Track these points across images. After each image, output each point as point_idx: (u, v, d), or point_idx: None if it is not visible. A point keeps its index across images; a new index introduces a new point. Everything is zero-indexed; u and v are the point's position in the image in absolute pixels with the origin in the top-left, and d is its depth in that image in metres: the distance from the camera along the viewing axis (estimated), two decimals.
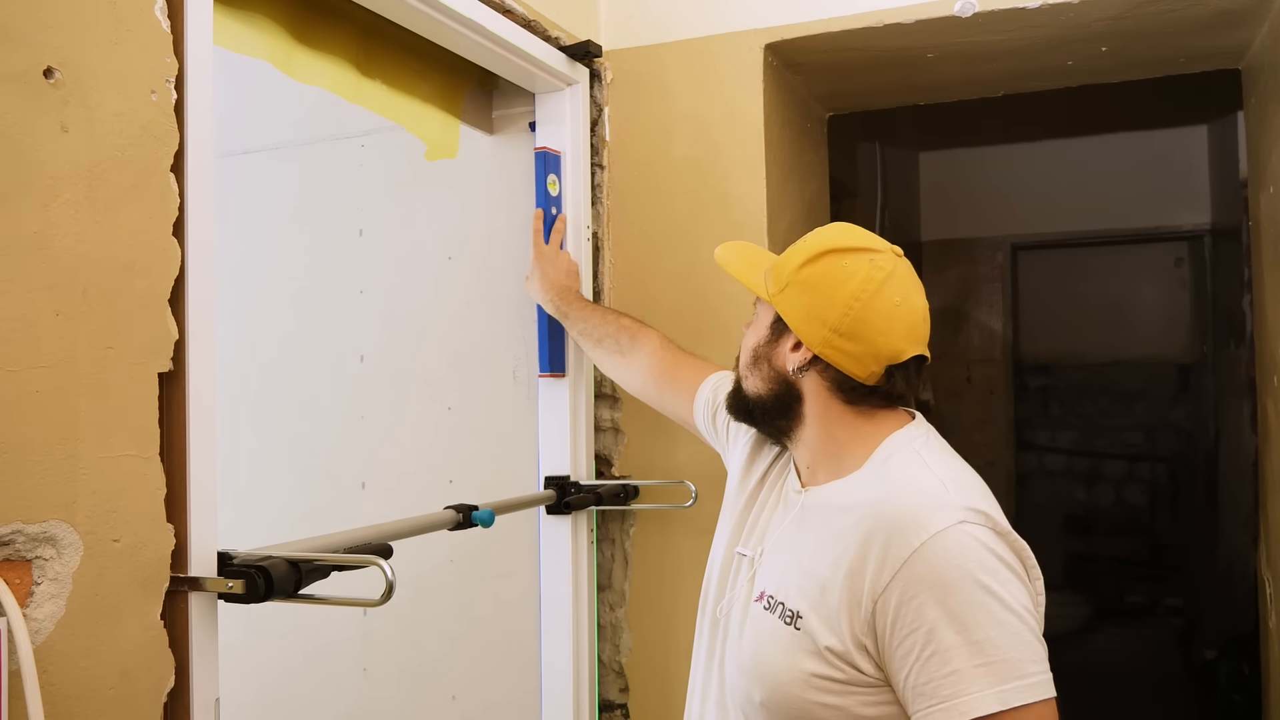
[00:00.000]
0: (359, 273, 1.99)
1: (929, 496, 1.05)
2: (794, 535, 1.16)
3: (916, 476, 1.09)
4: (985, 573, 0.98)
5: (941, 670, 0.97)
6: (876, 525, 1.04)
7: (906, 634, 0.99)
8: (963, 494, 1.06)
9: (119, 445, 0.95)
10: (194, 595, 1.02)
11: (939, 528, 1.01)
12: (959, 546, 1.00)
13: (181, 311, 1.02)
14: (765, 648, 1.10)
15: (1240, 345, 3.30)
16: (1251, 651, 1.99)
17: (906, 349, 1.12)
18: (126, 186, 0.96)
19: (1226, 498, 3.92)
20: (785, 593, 1.11)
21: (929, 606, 0.98)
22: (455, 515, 1.45)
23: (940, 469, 1.10)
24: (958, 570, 0.99)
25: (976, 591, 0.98)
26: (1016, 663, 0.96)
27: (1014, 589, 0.99)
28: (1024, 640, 0.97)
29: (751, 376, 1.21)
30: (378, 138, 1.97)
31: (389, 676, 1.97)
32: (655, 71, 1.85)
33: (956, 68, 1.89)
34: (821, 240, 1.16)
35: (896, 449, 1.12)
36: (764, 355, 1.19)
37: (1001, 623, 0.97)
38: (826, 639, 1.04)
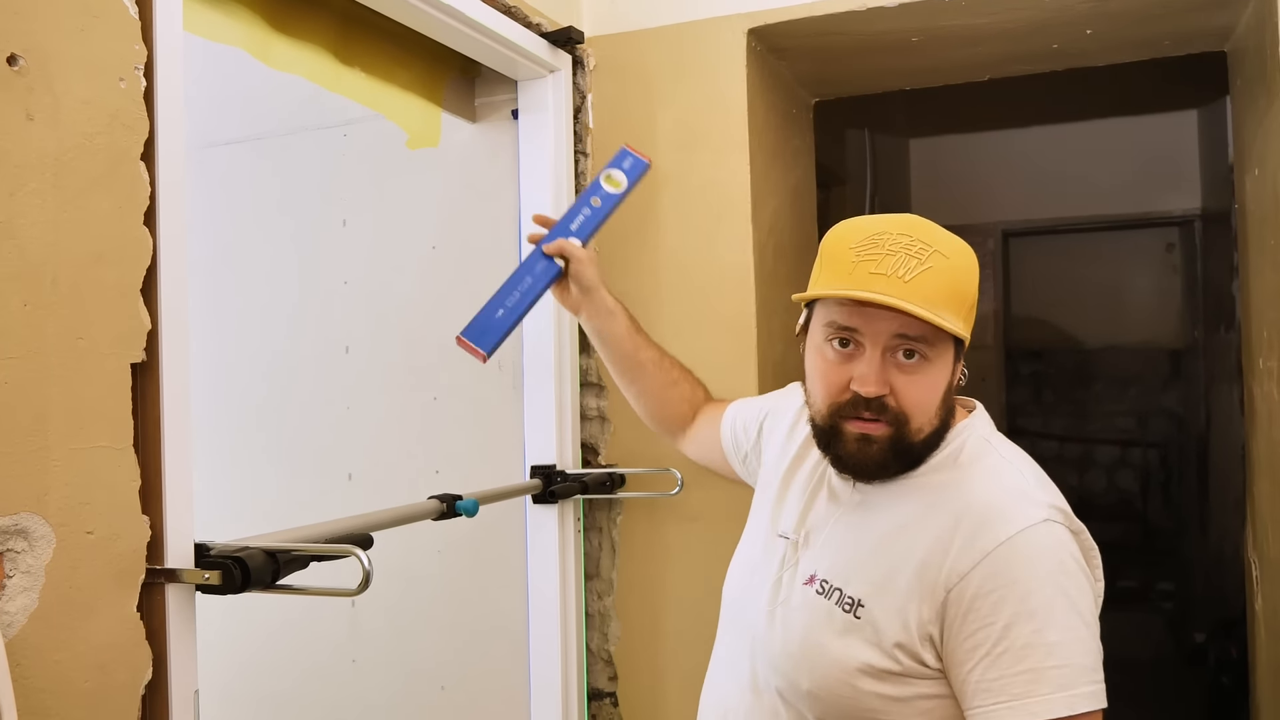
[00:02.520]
0: (343, 263, 1.98)
1: (1013, 491, 1.04)
2: (851, 519, 1.12)
3: (997, 469, 1.07)
4: (1064, 575, 0.99)
5: (1015, 667, 0.96)
6: (958, 515, 1.02)
7: (979, 627, 0.98)
8: (1043, 490, 1.05)
9: (91, 436, 0.95)
10: (171, 587, 1.02)
11: (1026, 524, 1.00)
12: (1044, 545, 0.99)
13: (154, 301, 1.01)
14: (818, 633, 1.07)
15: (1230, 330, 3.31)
16: (1240, 634, 2.00)
17: None
18: (95, 175, 0.95)
19: (1217, 482, 3.93)
20: (843, 578, 1.08)
21: (1008, 602, 0.97)
22: (439, 505, 1.45)
23: (1019, 463, 1.09)
24: (1041, 569, 0.98)
25: (1055, 593, 0.97)
26: (1084, 668, 0.96)
27: (1085, 595, 1.00)
28: (1089, 648, 0.98)
29: (934, 420, 1.07)
30: (360, 127, 1.95)
31: (377, 668, 1.97)
32: (638, 58, 1.84)
33: (942, 51, 1.88)
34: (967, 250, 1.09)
35: (965, 439, 1.10)
36: (948, 389, 1.08)
37: (1073, 627, 0.97)
38: (890, 628, 1.02)
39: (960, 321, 1.04)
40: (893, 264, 1.02)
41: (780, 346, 1.91)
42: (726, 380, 1.78)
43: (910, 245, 1.04)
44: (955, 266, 1.05)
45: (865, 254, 1.05)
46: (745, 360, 1.78)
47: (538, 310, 1.80)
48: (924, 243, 1.05)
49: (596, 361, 1.87)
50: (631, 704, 1.86)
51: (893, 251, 1.03)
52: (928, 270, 1.02)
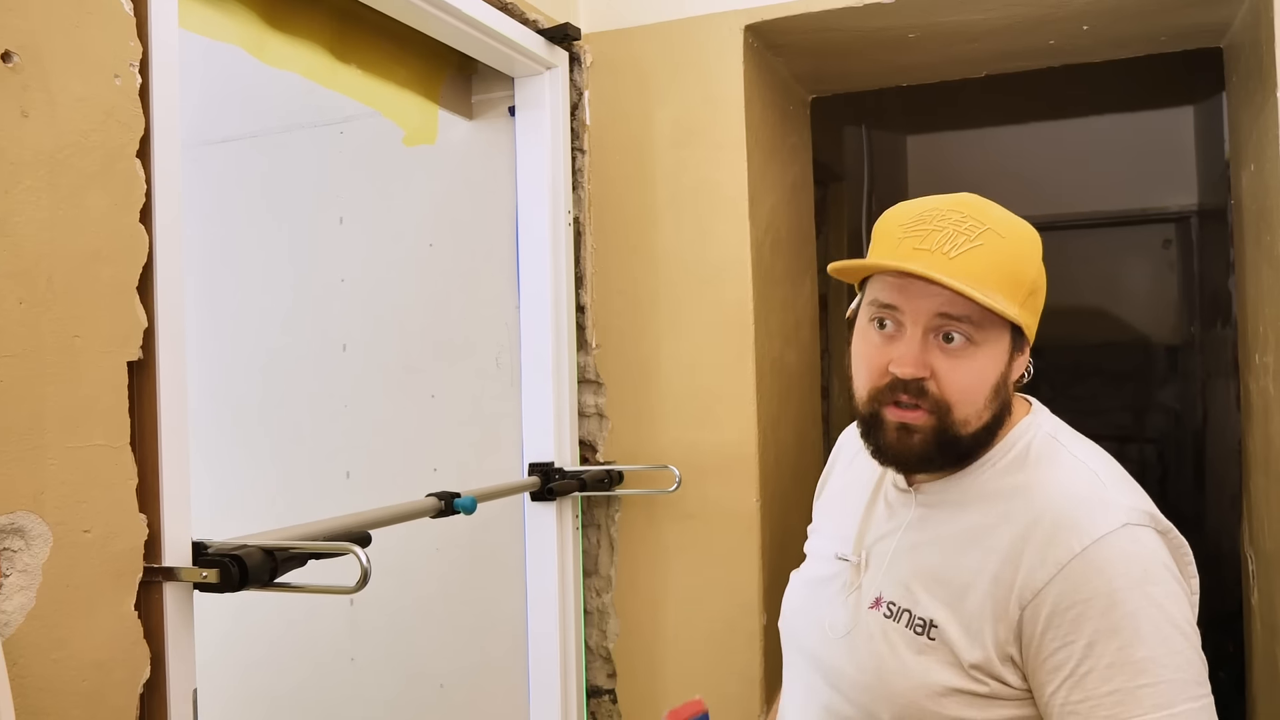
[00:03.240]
0: (340, 261, 1.98)
1: (1088, 494, 0.95)
2: (912, 534, 1.04)
3: (1070, 470, 0.98)
4: (1151, 583, 0.90)
5: (1100, 689, 0.88)
6: (1028, 524, 0.94)
7: (1060, 646, 0.90)
8: (1121, 491, 0.96)
9: (88, 435, 0.94)
10: (168, 585, 1.02)
11: (1103, 531, 0.91)
12: (1125, 554, 0.91)
13: (151, 299, 1.01)
14: (891, 661, 0.99)
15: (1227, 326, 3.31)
16: (1236, 629, 2.00)
17: None
18: (91, 173, 0.95)
19: (1214, 478, 3.94)
20: (911, 599, 1.00)
21: (1089, 618, 0.89)
22: (437, 502, 1.44)
23: (1093, 461, 1.00)
24: (1124, 579, 0.89)
25: (1142, 604, 0.89)
26: (1183, 684, 0.88)
27: (1179, 602, 0.91)
28: (1188, 659, 0.89)
29: (985, 412, 0.99)
30: (357, 124, 1.95)
31: (377, 666, 1.97)
32: (635, 54, 1.83)
33: (939, 47, 1.88)
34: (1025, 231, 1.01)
35: (1031, 438, 1.02)
36: (1002, 381, 0.99)
37: (1167, 639, 0.88)
38: (967, 650, 0.94)
39: (1014, 306, 0.96)
40: (939, 239, 0.95)
41: (778, 343, 1.91)
42: (724, 378, 1.78)
43: (961, 221, 0.97)
44: (1011, 246, 0.97)
45: (913, 230, 0.98)
46: (743, 357, 1.78)
47: (535, 307, 1.81)
48: (976, 220, 0.97)
49: (595, 359, 1.87)
50: (630, 701, 1.86)
51: (940, 227, 0.96)
52: (978, 248, 0.95)
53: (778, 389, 1.90)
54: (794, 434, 2.00)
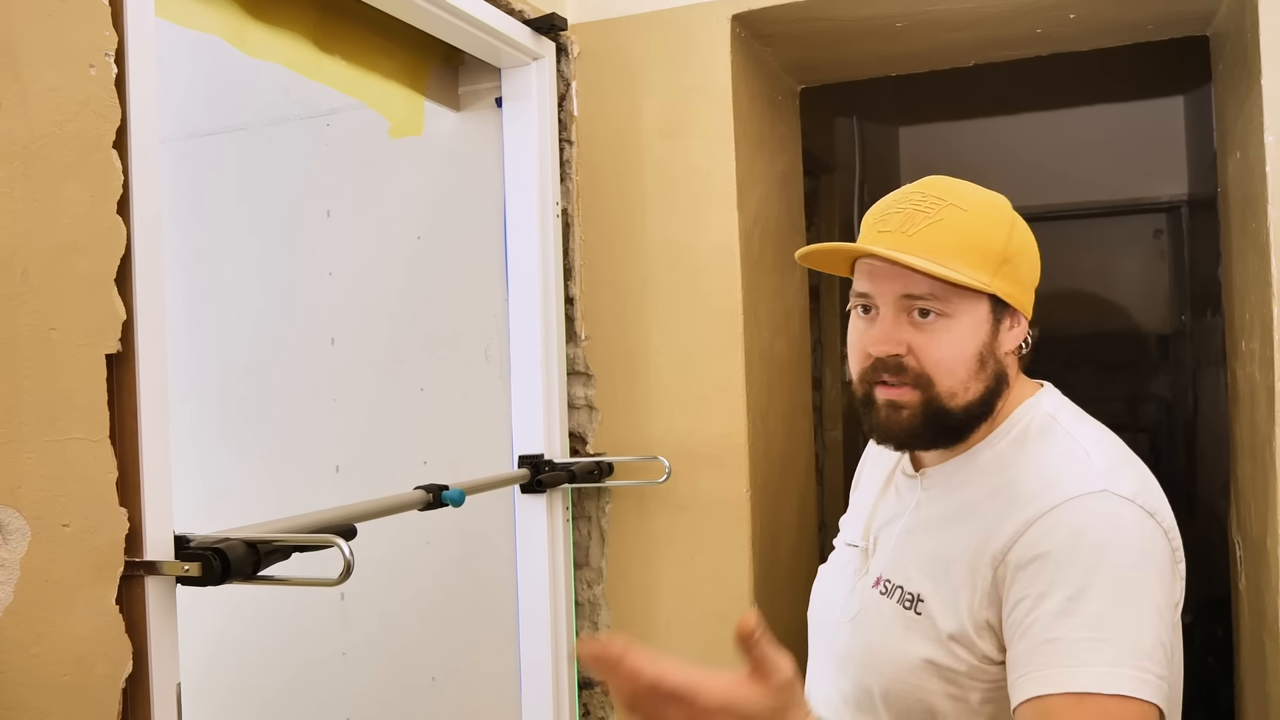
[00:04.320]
0: (327, 254, 1.97)
1: (1069, 462, 0.95)
2: (914, 518, 1.06)
3: (1058, 447, 0.98)
4: (1119, 546, 0.88)
5: (1042, 636, 0.86)
6: (1010, 496, 0.95)
7: (1018, 600, 0.89)
8: (1108, 461, 0.95)
9: (66, 428, 0.94)
10: (150, 579, 1.01)
11: (1077, 493, 0.91)
12: (1095, 513, 0.89)
13: (129, 292, 1.00)
14: (881, 634, 1.01)
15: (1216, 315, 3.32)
16: (1225, 614, 2.00)
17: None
18: (66, 164, 0.94)
19: (1204, 466, 3.95)
20: (904, 575, 1.02)
21: (1047, 569, 0.88)
22: (425, 495, 1.44)
23: (1085, 440, 0.99)
24: (1090, 536, 0.88)
25: (1102, 562, 0.87)
26: (1130, 650, 0.84)
27: (1145, 575, 0.88)
28: (1145, 634, 0.85)
29: (972, 385, 0.99)
30: (343, 116, 1.94)
31: (368, 660, 1.96)
32: (622, 44, 1.83)
33: (926, 36, 1.87)
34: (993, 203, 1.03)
35: (1031, 418, 1.02)
36: (987, 351, 1.00)
37: (1122, 601, 0.86)
38: (945, 620, 0.95)
39: (983, 274, 0.97)
40: (899, 221, 0.99)
41: (767, 334, 1.91)
42: (714, 368, 1.78)
43: (921, 201, 1.00)
44: (973, 218, 0.99)
45: (879, 216, 1.01)
46: (732, 347, 1.77)
47: (523, 298, 1.80)
48: (937, 198, 1.00)
49: (584, 350, 1.87)
50: None
51: (903, 209, 0.99)
52: (936, 223, 0.97)
53: (767, 379, 1.89)
54: (784, 424, 2.00)
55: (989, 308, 1.00)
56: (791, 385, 2.08)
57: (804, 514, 2.13)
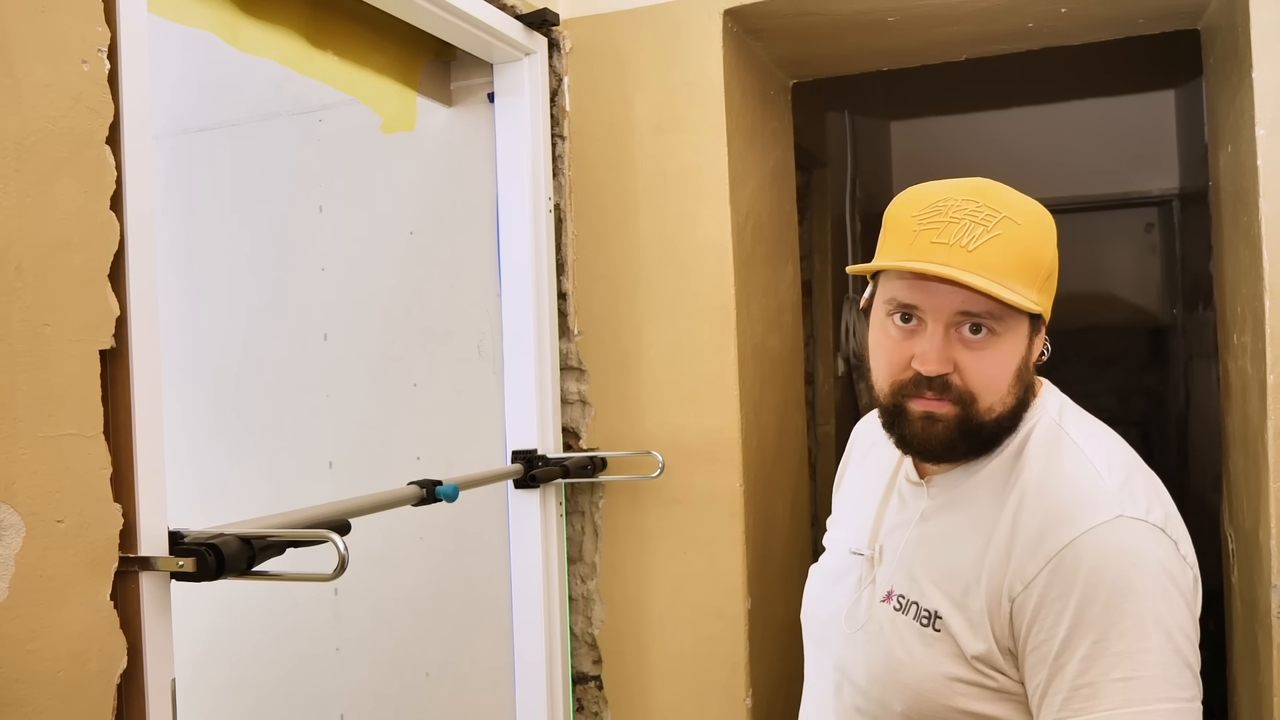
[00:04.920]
0: (320, 250, 1.97)
1: (1083, 485, 0.93)
2: (922, 527, 1.04)
3: (1069, 462, 0.96)
4: (1140, 578, 0.87)
5: (1075, 681, 0.87)
6: (1024, 519, 0.93)
7: (1041, 640, 0.89)
8: (1122, 484, 0.94)
9: (60, 424, 0.94)
10: (145, 575, 1.01)
11: (1094, 523, 0.89)
12: (1114, 547, 0.88)
13: (123, 287, 1.00)
14: (900, 652, 1.00)
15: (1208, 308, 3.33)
16: (1217, 608, 2.02)
17: None
18: (59, 159, 0.94)
19: (1196, 459, 3.97)
20: (919, 591, 1.00)
21: (1070, 610, 0.88)
22: (419, 490, 1.44)
23: (1094, 451, 0.97)
24: (1110, 572, 0.87)
25: (1125, 598, 0.86)
26: (1160, 683, 0.85)
27: (1169, 601, 0.87)
28: (1169, 660, 0.86)
29: (1009, 398, 0.99)
30: (335, 112, 1.93)
31: (361, 656, 1.96)
32: (614, 39, 1.83)
33: (918, 31, 1.88)
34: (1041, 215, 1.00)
35: (1034, 424, 1.01)
36: (1024, 365, 1.00)
37: (1146, 635, 0.86)
38: (970, 642, 0.94)
39: (1033, 293, 0.95)
40: (956, 232, 0.94)
41: (760, 328, 1.91)
42: (707, 363, 1.78)
43: (977, 211, 0.95)
44: (1028, 233, 0.96)
45: (928, 222, 0.96)
46: (724, 342, 1.78)
47: (517, 294, 1.80)
48: (992, 208, 0.96)
49: (577, 345, 1.87)
50: (616, 687, 1.87)
51: (957, 219, 0.95)
52: (995, 238, 0.94)
53: (760, 374, 1.90)
54: (777, 419, 2.00)
55: (1029, 325, 0.99)
56: (784, 380, 2.08)
57: (797, 509, 2.14)
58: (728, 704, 1.78)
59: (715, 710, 1.78)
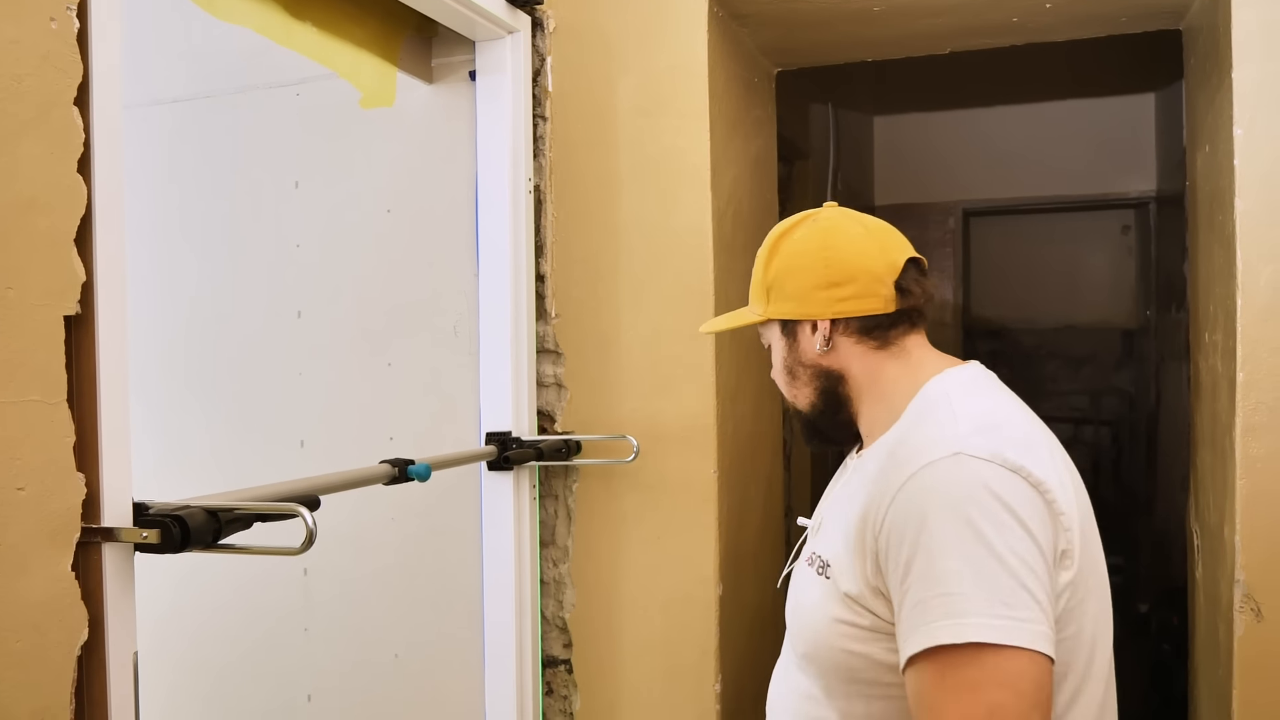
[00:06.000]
0: (295, 226, 1.94)
1: (934, 433, 1.00)
2: (839, 494, 1.15)
3: (934, 417, 1.04)
4: (969, 504, 0.92)
5: (912, 600, 0.92)
6: (886, 465, 1.02)
7: (893, 568, 0.95)
8: (974, 427, 0.99)
9: (22, 390, 0.92)
10: (108, 546, 0.99)
11: (931, 459, 0.96)
12: (945, 477, 0.94)
13: (89, 252, 0.98)
14: (802, 600, 1.10)
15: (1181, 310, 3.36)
16: (1181, 603, 2.04)
17: (897, 256, 1.11)
18: (25, 119, 0.91)
19: (1165, 458, 4.01)
20: (823, 546, 1.10)
21: (908, 538, 0.94)
22: (390, 469, 1.43)
23: (963, 407, 1.03)
24: (940, 499, 0.93)
25: (953, 521, 0.92)
26: (985, 601, 0.88)
27: (1001, 527, 0.91)
28: (997, 581, 0.89)
29: (799, 393, 1.18)
30: (313, 86, 1.91)
31: (330, 636, 1.95)
32: (599, 20, 1.81)
33: (903, 22, 1.88)
34: (767, 240, 1.18)
35: (926, 395, 1.08)
36: (793, 363, 1.17)
37: (973, 556, 0.90)
38: (847, 583, 1.02)
39: (759, 305, 1.18)
40: None
41: None
42: (684, 348, 1.78)
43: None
44: (757, 262, 1.19)
45: None
46: None
47: (494, 275, 1.79)
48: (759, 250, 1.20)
49: (554, 328, 1.86)
50: (586, 671, 1.86)
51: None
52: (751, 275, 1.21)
53: (737, 361, 1.90)
54: (753, 407, 2.00)
55: (779, 329, 1.18)
56: (761, 368, 2.08)
57: (770, 496, 2.14)
58: (697, 689, 1.78)
59: (685, 695, 1.79)
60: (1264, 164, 1.50)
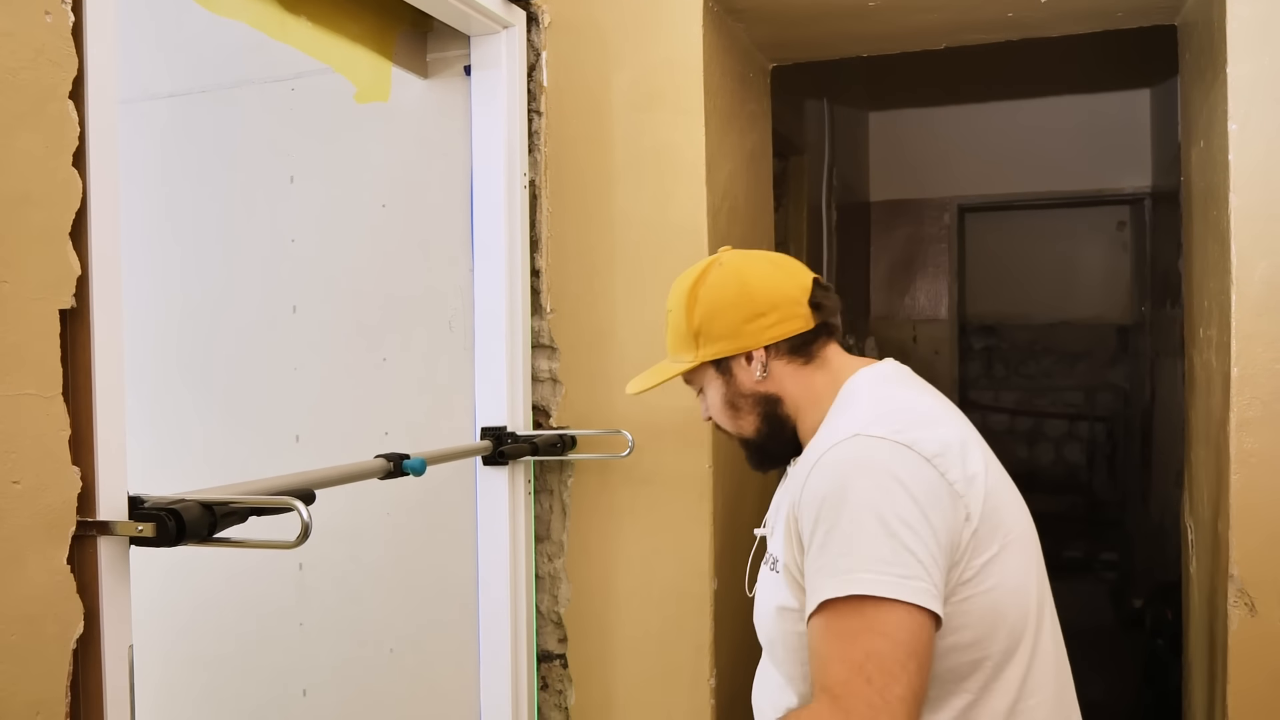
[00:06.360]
0: (290, 221, 1.94)
1: (842, 422, 1.11)
2: (780, 498, 1.26)
3: (849, 408, 1.14)
4: (862, 477, 1.02)
5: (814, 566, 1.02)
6: (808, 457, 1.11)
7: (807, 544, 1.05)
8: (876, 413, 1.09)
9: (17, 383, 0.92)
10: (103, 539, 0.99)
11: (832, 443, 1.06)
12: (843, 457, 1.05)
13: (84, 246, 0.98)
14: (761, 597, 1.20)
15: (1176, 306, 3.37)
16: (1175, 598, 2.05)
17: (803, 279, 1.22)
18: (19, 113, 0.91)
19: (1160, 454, 4.02)
20: (774, 545, 1.19)
21: (811, 515, 1.04)
22: (385, 464, 1.43)
23: (871, 397, 1.14)
24: (837, 477, 1.03)
25: (847, 495, 1.02)
26: (870, 560, 0.98)
27: (889, 496, 1.01)
28: (882, 543, 0.98)
29: (744, 423, 1.24)
30: (308, 81, 1.91)
31: (325, 631, 1.95)
32: (594, 15, 1.81)
33: (898, 17, 1.88)
34: (680, 292, 1.24)
35: (848, 391, 1.18)
36: (734, 396, 1.23)
37: (862, 523, 0.99)
38: (787, 571, 1.11)
39: (688, 353, 1.23)
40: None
41: None
42: None
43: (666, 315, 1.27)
44: (672, 316, 1.25)
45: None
46: None
47: (489, 270, 1.79)
48: (666, 309, 1.27)
49: (549, 323, 1.86)
50: (581, 666, 1.87)
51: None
52: (666, 330, 1.27)
53: None
54: None
55: (713, 371, 1.23)
56: None
57: (765, 491, 2.14)
58: (692, 684, 1.78)
59: (679, 690, 1.79)
60: (1258, 159, 1.50)
